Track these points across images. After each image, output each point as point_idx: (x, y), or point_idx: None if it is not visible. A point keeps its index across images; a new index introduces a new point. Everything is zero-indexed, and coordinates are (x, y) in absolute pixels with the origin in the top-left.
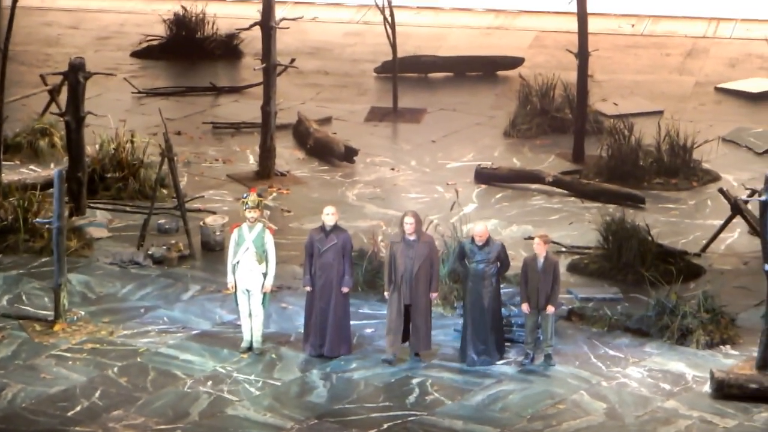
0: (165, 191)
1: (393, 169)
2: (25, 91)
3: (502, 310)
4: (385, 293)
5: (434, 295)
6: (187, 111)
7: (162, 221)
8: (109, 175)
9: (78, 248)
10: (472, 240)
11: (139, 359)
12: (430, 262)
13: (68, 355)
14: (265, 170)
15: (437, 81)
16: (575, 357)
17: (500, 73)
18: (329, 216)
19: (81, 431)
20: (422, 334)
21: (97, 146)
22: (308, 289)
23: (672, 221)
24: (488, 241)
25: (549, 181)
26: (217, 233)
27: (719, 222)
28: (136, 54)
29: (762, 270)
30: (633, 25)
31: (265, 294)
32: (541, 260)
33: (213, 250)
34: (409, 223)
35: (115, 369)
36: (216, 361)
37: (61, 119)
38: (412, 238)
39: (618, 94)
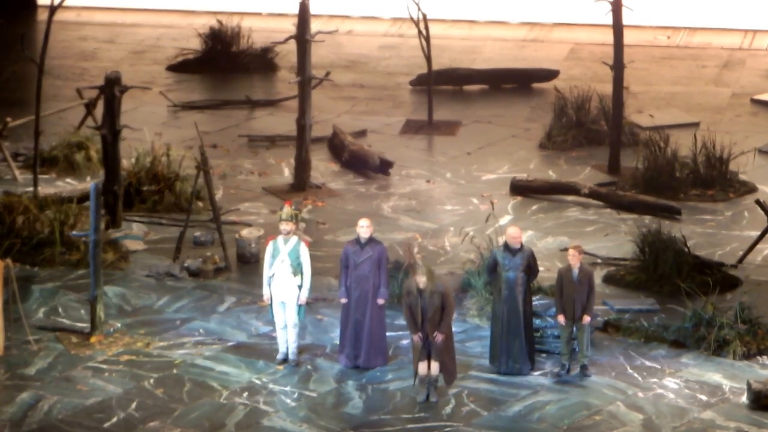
0: (201, 204)
1: (428, 181)
2: (61, 104)
3: (538, 321)
4: (414, 337)
5: (440, 337)
6: (222, 124)
7: (198, 234)
8: (145, 188)
9: (114, 261)
10: (505, 247)
11: (175, 371)
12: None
13: (104, 366)
14: (301, 183)
15: (472, 93)
16: (611, 368)
17: (535, 85)
18: (364, 228)
19: None
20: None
21: (133, 159)
22: (344, 301)
23: (708, 232)
24: (521, 247)
25: (585, 193)
26: (253, 245)
27: (756, 233)
28: (171, 68)
29: None
30: (668, 37)
31: (300, 306)
32: (575, 271)
33: (248, 263)
34: (421, 282)
35: (152, 380)
36: (252, 373)
37: (98, 133)
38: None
39: (654, 106)
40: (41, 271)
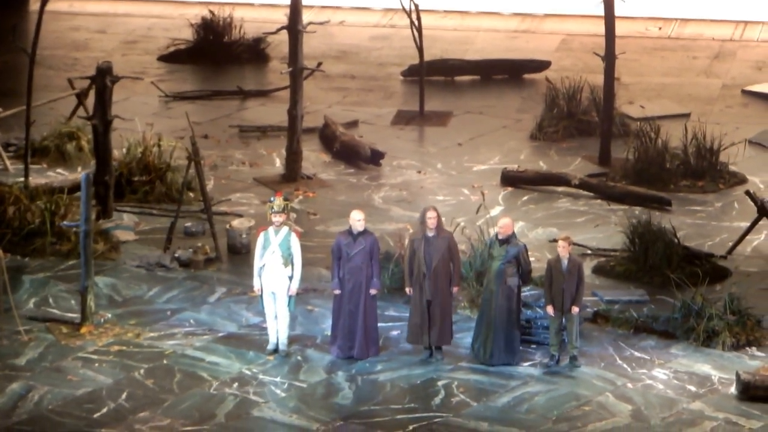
0: (192, 194)
1: (419, 172)
2: (52, 95)
3: (528, 312)
4: (407, 289)
5: (456, 289)
6: (213, 114)
7: (188, 224)
8: (135, 179)
9: (105, 251)
10: (496, 237)
11: (165, 361)
12: (449, 256)
13: (95, 357)
14: (292, 173)
15: (464, 84)
16: (601, 359)
17: (527, 76)
18: (358, 222)
19: None
20: (442, 328)
21: (124, 150)
22: (337, 292)
23: (698, 223)
24: (509, 240)
25: (575, 184)
26: (243, 236)
27: (745, 224)
28: (163, 58)
29: None
30: (660, 28)
31: (291, 297)
32: (565, 262)
33: (239, 253)
34: (431, 217)
35: (142, 371)
36: (242, 363)
37: (89, 123)
38: (431, 234)
39: (645, 97)
40: (32, 262)
